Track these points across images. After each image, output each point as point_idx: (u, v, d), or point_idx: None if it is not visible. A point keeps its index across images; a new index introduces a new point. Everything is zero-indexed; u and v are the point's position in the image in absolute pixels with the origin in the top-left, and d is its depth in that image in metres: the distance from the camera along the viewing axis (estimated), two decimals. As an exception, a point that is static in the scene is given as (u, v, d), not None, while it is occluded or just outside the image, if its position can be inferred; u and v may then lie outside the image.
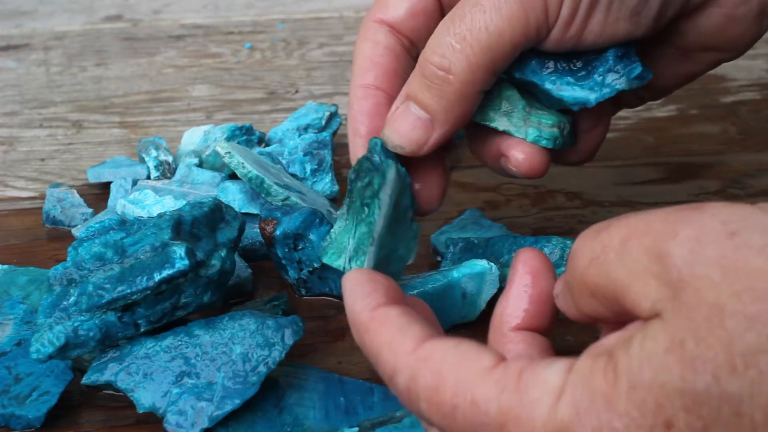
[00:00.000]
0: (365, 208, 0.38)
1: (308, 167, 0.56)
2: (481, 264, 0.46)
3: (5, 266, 0.50)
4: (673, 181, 0.59)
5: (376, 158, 0.39)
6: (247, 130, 0.59)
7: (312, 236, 0.47)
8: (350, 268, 0.38)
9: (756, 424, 0.26)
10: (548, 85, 0.40)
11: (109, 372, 0.40)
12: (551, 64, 0.40)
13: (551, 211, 0.56)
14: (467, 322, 0.46)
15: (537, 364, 0.30)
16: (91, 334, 0.40)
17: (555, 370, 0.29)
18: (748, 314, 0.26)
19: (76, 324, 0.40)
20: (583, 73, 0.40)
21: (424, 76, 0.39)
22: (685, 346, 0.26)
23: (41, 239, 0.54)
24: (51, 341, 0.40)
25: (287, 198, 0.51)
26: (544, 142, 0.40)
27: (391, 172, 0.38)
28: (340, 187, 0.57)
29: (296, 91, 0.70)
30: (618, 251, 0.29)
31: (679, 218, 0.28)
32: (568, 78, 0.40)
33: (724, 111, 0.66)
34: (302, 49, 0.75)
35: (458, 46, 0.37)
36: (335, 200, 0.57)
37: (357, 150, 0.42)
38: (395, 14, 0.42)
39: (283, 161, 0.57)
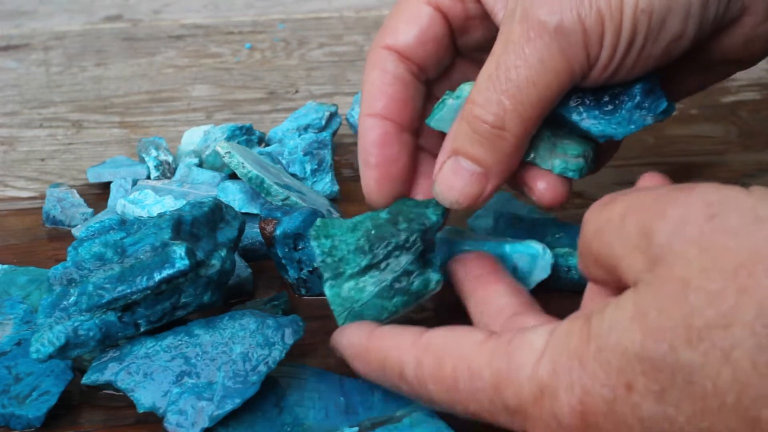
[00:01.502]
0: (394, 296, 0.41)
1: (308, 167, 0.56)
2: (536, 247, 0.46)
3: (5, 266, 0.50)
4: (673, 181, 0.59)
5: (431, 266, 0.42)
6: (247, 130, 0.59)
7: (312, 236, 0.47)
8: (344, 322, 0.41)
9: (707, 392, 0.27)
10: (575, 117, 0.40)
11: (109, 372, 0.40)
12: (578, 97, 0.40)
13: (551, 211, 0.56)
14: None
15: (525, 331, 0.33)
16: (91, 334, 0.40)
17: (539, 333, 0.32)
18: (711, 290, 0.27)
19: (76, 324, 0.40)
20: (610, 107, 0.40)
21: (476, 133, 0.39)
22: (648, 315, 0.28)
23: (41, 239, 0.54)
24: (51, 341, 0.40)
25: (287, 198, 0.51)
26: (570, 174, 0.41)
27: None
28: (340, 187, 0.57)
29: (296, 91, 0.70)
30: (617, 225, 0.31)
31: (670, 198, 0.30)
32: (595, 112, 0.40)
33: (724, 111, 0.66)
34: (302, 49, 0.75)
35: (510, 105, 0.38)
36: (335, 200, 0.57)
37: (369, 182, 0.43)
38: (404, 41, 0.42)
39: (283, 161, 0.57)
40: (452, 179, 0.40)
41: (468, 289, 0.41)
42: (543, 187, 0.41)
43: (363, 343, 0.38)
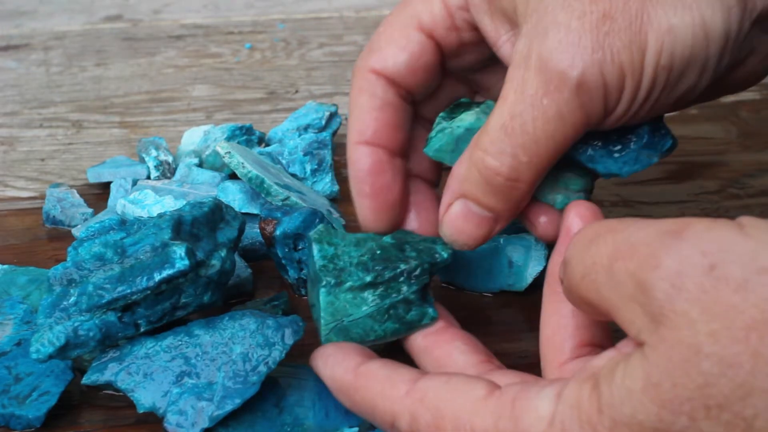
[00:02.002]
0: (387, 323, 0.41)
1: (308, 167, 0.56)
2: (528, 238, 0.48)
3: (5, 266, 0.50)
4: (673, 181, 0.59)
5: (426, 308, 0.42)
6: (247, 130, 0.59)
7: (312, 236, 0.47)
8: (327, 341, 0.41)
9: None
10: (584, 159, 0.40)
11: (109, 372, 0.40)
12: (587, 139, 0.40)
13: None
14: (516, 291, 0.48)
15: (529, 391, 0.31)
16: (91, 334, 0.40)
17: (545, 396, 0.30)
18: (724, 357, 0.26)
19: (76, 324, 0.40)
20: (618, 147, 0.40)
21: (489, 183, 0.38)
22: (661, 386, 0.27)
23: (41, 239, 0.54)
24: (51, 341, 0.40)
25: (287, 198, 0.51)
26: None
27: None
28: (340, 187, 0.57)
29: (296, 91, 0.70)
30: (606, 271, 0.29)
31: (662, 245, 0.28)
32: (603, 152, 0.40)
33: (724, 111, 0.66)
34: (302, 49, 0.75)
35: (525, 158, 0.37)
36: (335, 200, 0.57)
37: (365, 212, 0.42)
38: (393, 67, 0.41)
39: (283, 161, 0.57)
40: (462, 224, 0.40)
41: (420, 347, 0.41)
42: (544, 221, 0.41)
43: (349, 380, 0.36)
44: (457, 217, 0.40)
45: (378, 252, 0.42)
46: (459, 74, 0.44)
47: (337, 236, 0.43)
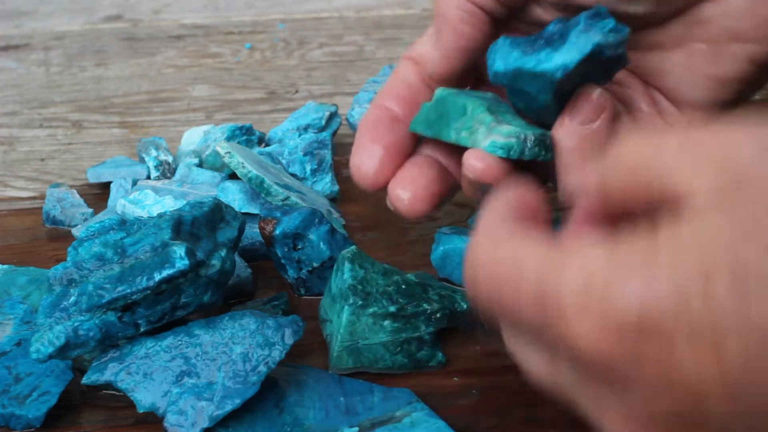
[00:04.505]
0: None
1: (308, 167, 0.56)
2: None
3: (5, 266, 0.50)
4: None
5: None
6: (247, 130, 0.59)
7: (311, 236, 0.47)
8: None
9: None
10: (530, 64, 0.40)
11: (109, 372, 0.40)
12: (530, 45, 0.40)
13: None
14: None
15: (582, 243, 0.29)
16: (91, 334, 0.40)
17: (594, 243, 0.29)
18: None
19: (76, 324, 0.40)
20: (559, 41, 0.40)
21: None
22: (735, 211, 0.26)
23: (41, 239, 0.54)
24: (51, 341, 0.40)
25: (287, 198, 0.51)
26: (499, 152, 0.40)
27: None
28: (340, 187, 0.57)
29: (296, 91, 0.70)
30: (681, 143, 0.29)
31: (746, 129, 0.28)
32: (547, 49, 0.40)
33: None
34: (302, 49, 0.75)
35: None
36: (335, 200, 0.57)
37: (362, 156, 0.45)
38: (430, 65, 0.44)
39: (283, 161, 0.57)
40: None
41: None
42: (476, 164, 0.41)
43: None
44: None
45: (403, 287, 0.44)
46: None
47: (367, 261, 0.45)
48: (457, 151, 0.42)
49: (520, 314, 0.30)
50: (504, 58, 0.40)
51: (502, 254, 0.31)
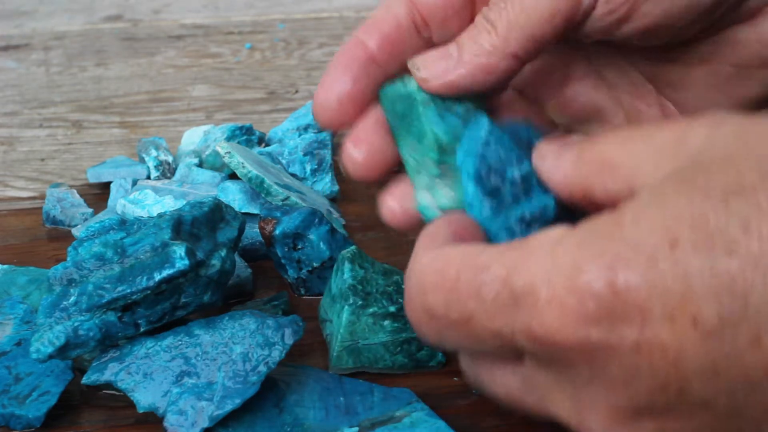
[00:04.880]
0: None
1: (308, 167, 0.56)
2: None
3: (5, 266, 0.50)
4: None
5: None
6: (247, 130, 0.59)
7: (311, 236, 0.47)
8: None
9: (763, 237, 0.25)
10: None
11: (109, 372, 0.40)
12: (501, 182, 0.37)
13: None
14: None
15: (538, 234, 0.30)
16: (91, 334, 0.40)
17: (553, 231, 0.29)
18: (757, 155, 0.27)
19: (76, 324, 0.40)
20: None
21: (475, 24, 0.38)
22: (695, 180, 0.27)
23: (41, 239, 0.54)
24: (51, 341, 0.40)
25: (287, 198, 0.51)
26: (423, 213, 0.37)
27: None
28: (340, 187, 0.57)
29: (296, 91, 0.70)
30: (645, 131, 0.30)
31: (700, 118, 0.29)
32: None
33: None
34: (302, 49, 0.75)
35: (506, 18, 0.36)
36: (335, 200, 0.57)
37: (326, 91, 0.39)
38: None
39: (283, 161, 0.57)
40: (431, 54, 0.38)
41: None
42: (390, 203, 0.38)
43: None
44: (461, 38, 0.38)
45: (403, 287, 0.43)
46: None
47: (367, 261, 0.44)
48: None
49: (483, 321, 0.29)
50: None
51: (450, 263, 0.30)
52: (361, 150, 0.39)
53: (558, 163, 0.33)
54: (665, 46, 0.40)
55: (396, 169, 0.39)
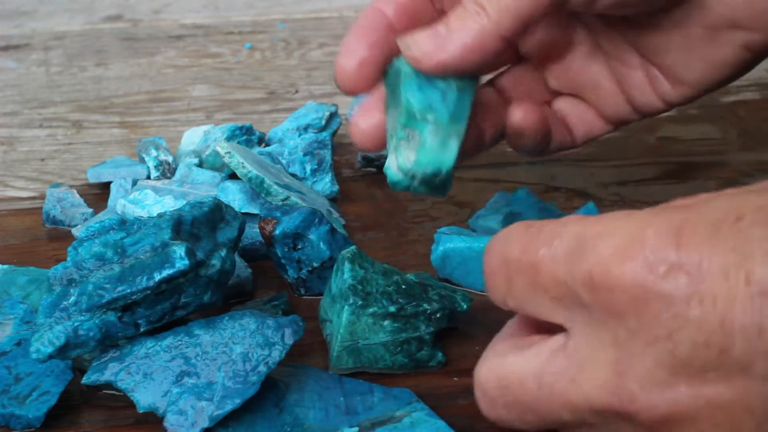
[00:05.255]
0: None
1: (308, 167, 0.56)
2: None
3: (5, 266, 0.50)
4: (673, 181, 0.59)
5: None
6: (247, 130, 0.59)
7: (311, 236, 0.47)
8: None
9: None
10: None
11: (109, 372, 0.40)
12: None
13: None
14: None
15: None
16: (91, 334, 0.40)
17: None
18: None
19: (76, 324, 0.40)
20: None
21: (463, 6, 0.39)
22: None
23: (41, 239, 0.54)
24: (51, 341, 0.40)
25: (287, 198, 0.51)
26: (387, 173, 0.40)
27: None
28: (340, 187, 0.57)
29: (296, 91, 0.70)
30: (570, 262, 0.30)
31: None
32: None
33: (724, 111, 0.66)
34: (302, 49, 0.75)
35: None
36: (335, 200, 0.57)
37: (347, 55, 0.41)
38: None
39: (283, 161, 0.57)
40: (420, 34, 0.39)
41: None
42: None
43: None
44: (449, 19, 0.39)
45: (403, 287, 0.43)
46: None
47: (367, 261, 0.44)
48: None
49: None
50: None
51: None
52: (366, 120, 0.42)
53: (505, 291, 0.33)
54: (644, 14, 0.42)
55: None
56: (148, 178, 0.57)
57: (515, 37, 0.39)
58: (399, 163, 0.40)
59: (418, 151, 0.39)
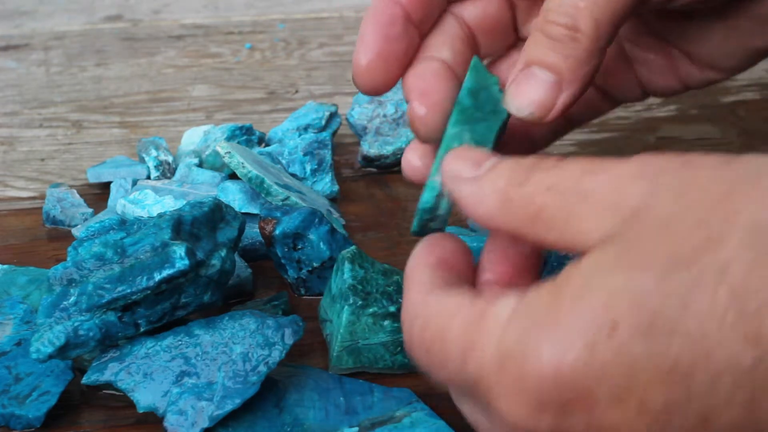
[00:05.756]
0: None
1: (308, 167, 0.56)
2: None
3: (5, 266, 0.50)
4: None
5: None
6: (247, 130, 0.59)
7: (311, 236, 0.47)
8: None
9: (702, 314, 0.25)
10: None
11: (109, 372, 0.40)
12: None
13: None
14: None
15: (496, 299, 0.30)
16: (91, 334, 0.40)
17: (506, 303, 0.29)
18: (695, 219, 0.26)
19: (76, 324, 0.40)
20: None
21: (550, 37, 0.36)
22: (629, 252, 0.26)
23: (41, 239, 0.54)
24: (51, 341, 0.40)
25: (287, 198, 0.51)
26: (424, 195, 0.36)
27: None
28: (340, 187, 0.57)
29: (296, 91, 0.70)
30: (576, 185, 0.29)
31: (640, 158, 0.28)
32: None
33: (724, 111, 0.66)
34: (302, 49, 0.75)
35: (582, 4, 0.36)
36: (335, 200, 0.57)
37: (360, 48, 0.38)
38: None
39: (283, 161, 0.57)
40: (526, 89, 0.37)
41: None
42: (410, 157, 0.38)
43: (408, 268, 0.34)
44: (521, 85, 0.37)
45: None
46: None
47: (367, 261, 0.44)
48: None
49: (451, 375, 0.30)
50: None
51: (429, 309, 0.31)
52: (423, 105, 0.37)
53: (479, 195, 0.31)
54: (698, 7, 0.41)
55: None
56: (148, 178, 0.57)
57: (610, 44, 0.37)
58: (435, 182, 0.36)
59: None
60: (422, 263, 0.34)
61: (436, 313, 0.31)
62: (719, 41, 0.43)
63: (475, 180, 0.32)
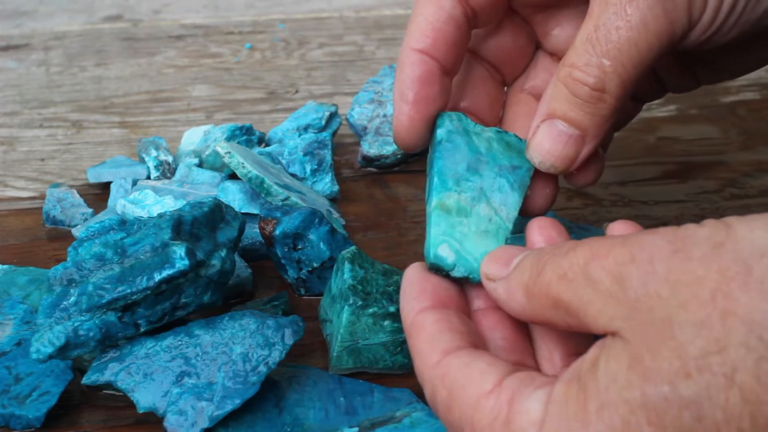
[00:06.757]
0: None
1: (308, 167, 0.56)
2: None
3: (5, 266, 0.50)
4: (673, 181, 0.59)
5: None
6: (247, 130, 0.59)
7: (311, 236, 0.47)
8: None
9: (718, 422, 0.27)
10: None
11: (109, 372, 0.40)
12: None
13: (551, 211, 0.56)
14: None
15: (523, 392, 0.31)
16: (91, 334, 0.40)
17: (536, 399, 0.31)
18: (695, 321, 0.27)
19: (76, 324, 0.40)
20: None
21: (576, 96, 0.38)
22: (642, 361, 0.28)
23: (41, 239, 0.54)
24: (51, 341, 0.40)
25: (287, 198, 0.51)
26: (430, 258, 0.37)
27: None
28: (340, 187, 0.57)
29: (296, 91, 0.70)
30: (582, 271, 0.30)
31: (636, 241, 0.29)
32: None
33: (724, 111, 0.66)
34: (302, 49, 0.75)
35: (611, 67, 0.37)
36: (335, 200, 0.57)
37: (402, 118, 0.40)
38: None
39: (283, 161, 0.57)
40: (549, 144, 0.38)
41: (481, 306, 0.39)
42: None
43: (407, 324, 0.35)
44: (544, 138, 0.38)
45: None
46: (523, 14, 0.43)
47: (367, 261, 0.44)
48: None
49: None
50: None
51: (451, 381, 0.33)
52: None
53: (509, 292, 0.33)
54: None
55: None
56: (148, 178, 0.57)
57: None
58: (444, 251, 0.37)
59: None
60: (423, 308, 0.35)
61: (461, 386, 0.33)
62: (735, 55, 0.44)
63: (505, 280, 0.33)
